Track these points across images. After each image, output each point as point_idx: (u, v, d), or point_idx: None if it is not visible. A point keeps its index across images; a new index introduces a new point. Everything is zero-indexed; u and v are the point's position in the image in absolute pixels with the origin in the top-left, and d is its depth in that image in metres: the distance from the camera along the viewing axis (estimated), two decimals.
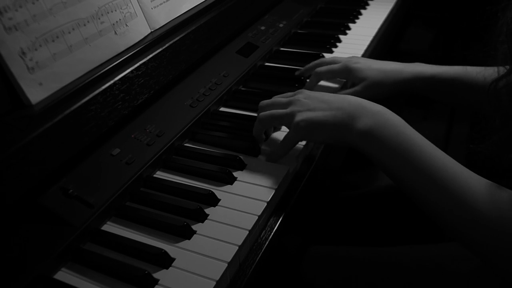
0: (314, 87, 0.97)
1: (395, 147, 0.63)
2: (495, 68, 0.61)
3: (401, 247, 0.81)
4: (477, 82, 0.83)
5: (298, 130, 0.71)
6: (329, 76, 0.97)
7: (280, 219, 0.70)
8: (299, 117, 0.71)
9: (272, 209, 0.70)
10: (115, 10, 0.78)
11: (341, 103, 0.70)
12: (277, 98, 0.79)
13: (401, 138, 0.64)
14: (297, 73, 1.01)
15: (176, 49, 0.85)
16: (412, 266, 0.77)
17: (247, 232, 0.63)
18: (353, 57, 0.98)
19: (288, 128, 0.75)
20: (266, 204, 0.67)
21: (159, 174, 0.75)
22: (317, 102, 0.72)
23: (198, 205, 0.66)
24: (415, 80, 0.91)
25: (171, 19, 0.89)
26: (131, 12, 0.81)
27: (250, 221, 0.64)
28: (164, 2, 0.88)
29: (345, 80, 1.01)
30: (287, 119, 0.73)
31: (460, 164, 0.61)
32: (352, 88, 0.93)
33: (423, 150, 0.62)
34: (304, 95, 0.75)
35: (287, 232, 0.72)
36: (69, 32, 0.70)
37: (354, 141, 0.67)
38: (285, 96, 0.79)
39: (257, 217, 0.65)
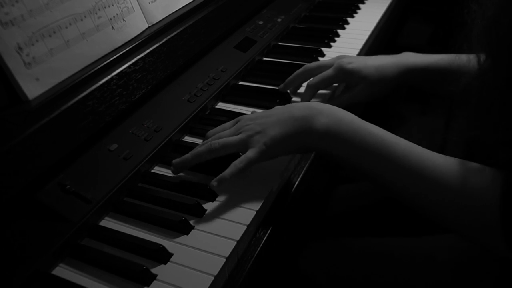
0: (311, 100, 0.91)
1: (358, 142, 0.64)
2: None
3: (393, 238, 0.81)
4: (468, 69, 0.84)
5: (262, 151, 0.67)
6: (325, 84, 0.91)
7: (278, 213, 0.70)
8: (259, 139, 0.67)
9: (270, 204, 0.70)
10: (112, 5, 0.77)
11: (290, 112, 0.69)
12: (221, 128, 0.74)
13: (362, 133, 0.64)
14: (280, 87, 0.93)
15: (174, 44, 0.84)
16: (403, 257, 0.77)
17: (245, 227, 0.63)
18: (341, 56, 0.92)
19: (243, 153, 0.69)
20: (263, 200, 0.67)
21: (157, 170, 0.75)
22: (265, 120, 0.69)
23: (196, 200, 0.66)
24: (410, 73, 0.88)
25: (168, 13, 0.89)
26: (128, 7, 0.80)
27: (248, 216, 0.64)
28: None
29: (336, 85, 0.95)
30: (243, 145, 0.68)
31: (423, 148, 0.62)
32: (351, 91, 0.90)
33: (385, 139, 0.63)
34: (248, 118, 0.71)
35: (284, 225, 0.72)
36: (66, 27, 0.70)
37: (316, 143, 0.67)
38: (227, 124, 0.75)
39: (255, 212, 0.65)
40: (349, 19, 1.25)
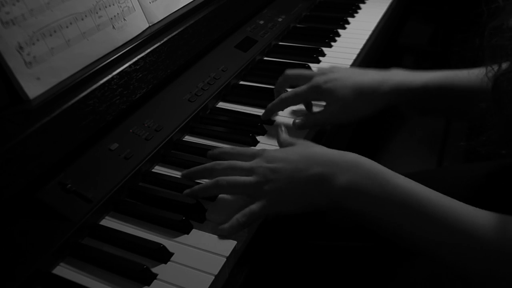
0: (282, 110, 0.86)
1: (385, 198, 0.58)
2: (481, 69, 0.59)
3: None
4: (471, 84, 0.75)
5: (265, 207, 0.62)
6: (297, 102, 0.85)
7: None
8: (266, 191, 0.63)
9: None
10: (113, 4, 0.78)
11: (309, 165, 0.62)
12: (237, 162, 0.68)
13: (390, 187, 0.59)
14: (263, 116, 0.85)
15: (175, 44, 0.84)
16: None
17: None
18: (323, 71, 0.84)
19: (250, 198, 0.65)
20: None
21: (158, 169, 0.75)
22: (281, 167, 0.63)
23: (197, 200, 0.66)
24: (398, 93, 0.79)
25: (169, 13, 0.89)
26: (129, 7, 0.80)
27: None
28: None
29: None
30: (251, 190, 0.64)
31: (457, 201, 0.57)
32: (325, 111, 0.82)
33: (415, 193, 0.58)
34: (265, 158, 0.66)
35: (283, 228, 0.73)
36: (67, 27, 0.70)
37: (333, 202, 0.61)
38: (246, 154, 0.70)
39: None
40: (350, 19, 1.25)
